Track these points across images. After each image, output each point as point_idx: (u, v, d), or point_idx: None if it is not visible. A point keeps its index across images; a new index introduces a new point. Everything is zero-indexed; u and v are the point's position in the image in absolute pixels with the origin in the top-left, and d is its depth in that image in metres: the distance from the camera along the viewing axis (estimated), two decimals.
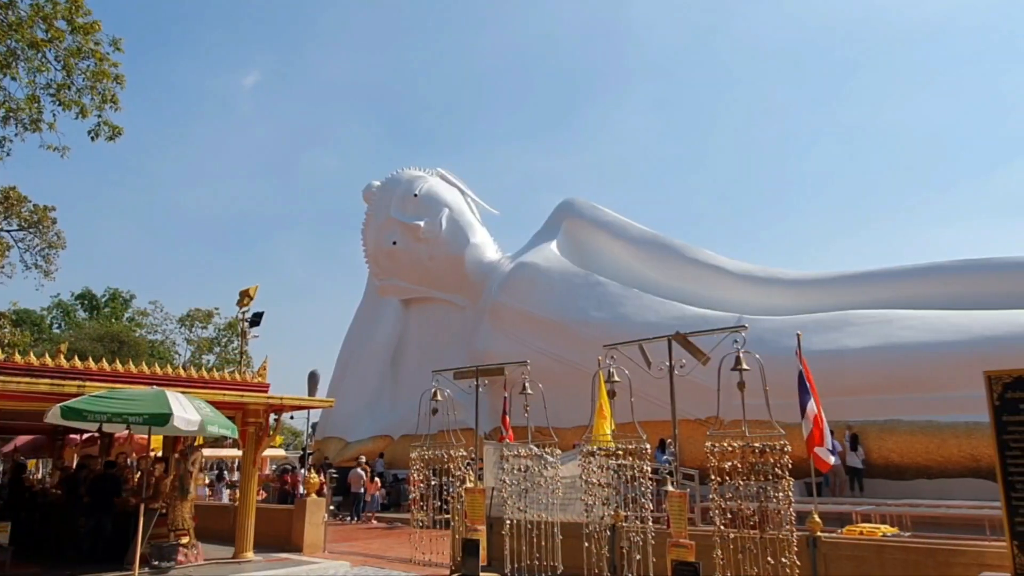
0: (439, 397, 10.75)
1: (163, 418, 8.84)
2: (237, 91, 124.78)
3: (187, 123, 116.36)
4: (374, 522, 21.45)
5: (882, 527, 9.76)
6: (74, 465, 17.55)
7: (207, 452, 28.44)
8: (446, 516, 11.25)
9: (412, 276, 28.40)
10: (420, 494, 11.71)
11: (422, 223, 27.45)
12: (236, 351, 49.34)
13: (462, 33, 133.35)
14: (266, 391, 13.25)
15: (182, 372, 12.38)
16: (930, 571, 7.44)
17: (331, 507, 21.22)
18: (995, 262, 19.13)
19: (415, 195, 28.27)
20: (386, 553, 14.70)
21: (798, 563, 6.76)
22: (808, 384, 10.40)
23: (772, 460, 6.68)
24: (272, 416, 13.93)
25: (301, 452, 34.64)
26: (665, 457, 16.48)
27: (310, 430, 34.43)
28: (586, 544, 8.42)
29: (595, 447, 8.31)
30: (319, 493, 15.49)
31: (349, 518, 21.83)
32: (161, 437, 14.62)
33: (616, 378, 8.28)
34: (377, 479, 22.88)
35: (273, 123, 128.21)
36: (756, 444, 6.79)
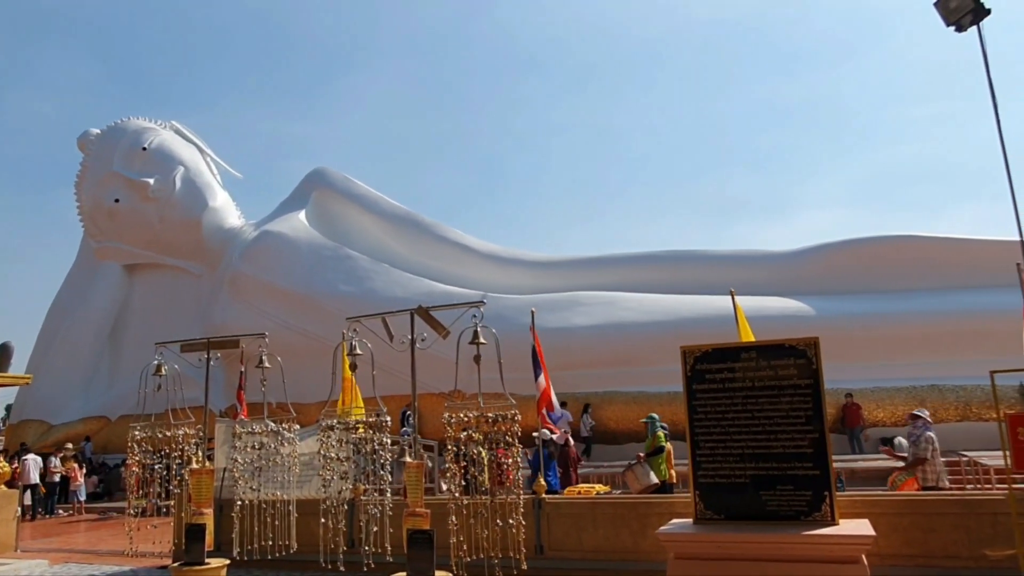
0: (163, 372, 9.79)
1: None
2: None
3: None
4: (83, 514, 19.14)
5: (597, 487, 10.86)
6: None
7: None
8: (170, 502, 10.36)
9: (138, 239, 25.53)
10: (139, 479, 10.63)
11: (152, 181, 24.73)
12: None
13: None
14: None
15: None
16: (633, 522, 8.45)
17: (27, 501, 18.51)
18: (695, 254, 22.34)
19: (144, 148, 25.37)
20: (96, 547, 13.22)
21: (523, 523, 7.27)
22: (539, 358, 11.23)
23: (504, 429, 7.10)
24: None
25: None
26: (405, 429, 16.75)
27: (3, 412, 29.60)
28: (323, 520, 8.28)
29: (334, 421, 8.18)
30: (10, 484, 13.41)
31: (43, 513, 19.14)
32: None
33: (359, 351, 8.20)
34: (63, 464, 20.27)
35: None
36: (489, 414, 7.16)
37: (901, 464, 9.54)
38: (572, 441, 13.60)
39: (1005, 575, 6.65)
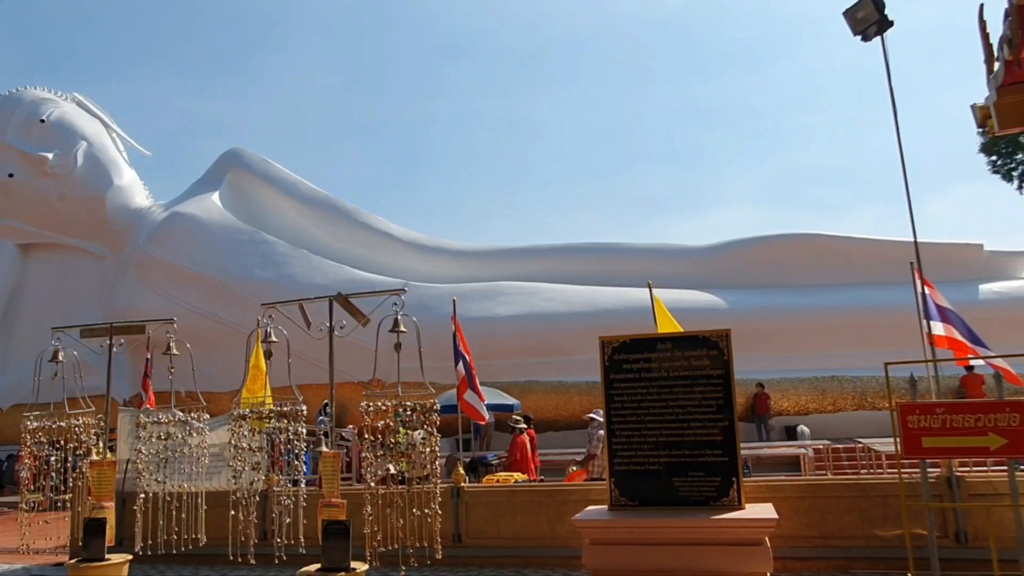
0: (61, 358, 9.24)
1: None
2: None
3: None
4: None
5: (515, 474, 10.94)
6: None
7: None
8: (66, 496, 9.82)
9: (34, 217, 23.99)
10: (34, 472, 10.02)
11: (51, 155, 23.28)
12: None
13: None
14: None
15: None
16: (550, 509, 8.57)
17: None
18: (615, 246, 22.82)
19: (42, 120, 23.84)
20: None
21: (440, 512, 7.26)
22: (461, 347, 11.21)
23: (422, 418, 7.06)
24: None
25: None
26: (322, 418, 16.45)
27: None
28: (233, 512, 8.02)
29: (247, 410, 7.92)
30: None
31: None
32: None
33: (273, 338, 7.96)
34: None
35: None
36: (408, 403, 7.10)
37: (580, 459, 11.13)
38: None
39: (894, 554, 7.11)
